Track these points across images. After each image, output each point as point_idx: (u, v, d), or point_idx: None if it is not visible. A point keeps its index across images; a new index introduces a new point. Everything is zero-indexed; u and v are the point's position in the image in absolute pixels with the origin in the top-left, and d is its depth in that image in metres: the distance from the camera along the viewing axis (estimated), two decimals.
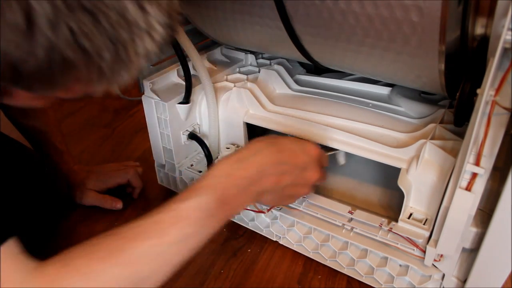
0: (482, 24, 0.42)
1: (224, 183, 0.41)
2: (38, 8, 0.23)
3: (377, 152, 0.52)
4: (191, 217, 0.38)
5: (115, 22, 0.26)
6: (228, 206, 0.41)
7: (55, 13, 0.24)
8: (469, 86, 0.43)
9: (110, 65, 0.28)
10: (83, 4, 0.24)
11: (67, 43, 0.25)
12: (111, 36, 0.26)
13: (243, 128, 0.64)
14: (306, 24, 0.50)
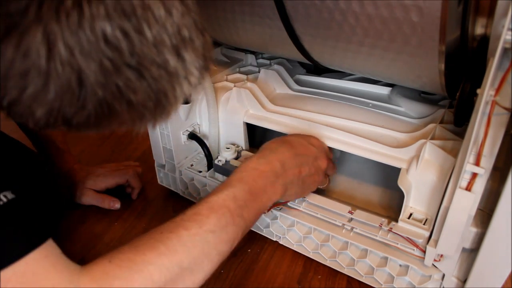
0: (482, 24, 0.42)
1: (252, 177, 0.45)
2: (88, 71, 0.25)
3: (377, 152, 0.52)
4: (226, 207, 0.41)
5: (157, 75, 0.28)
6: (258, 197, 0.45)
7: (103, 73, 0.26)
8: (469, 86, 0.43)
9: (152, 112, 0.30)
10: (128, 63, 0.27)
11: (114, 98, 0.27)
12: (154, 88, 0.29)
13: (243, 128, 0.64)
14: (306, 24, 0.50)
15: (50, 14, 0.24)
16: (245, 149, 0.65)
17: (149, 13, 0.27)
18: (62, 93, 0.26)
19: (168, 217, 0.40)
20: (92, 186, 0.70)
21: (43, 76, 0.25)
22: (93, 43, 0.25)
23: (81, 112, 0.27)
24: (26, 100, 0.26)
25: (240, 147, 0.65)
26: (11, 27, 0.24)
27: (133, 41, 0.26)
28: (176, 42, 0.29)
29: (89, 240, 0.63)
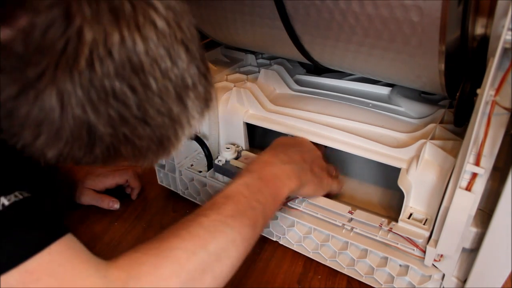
0: (482, 24, 0.42)
1: (261, 166, 0.48)
2: (97, 124, 0.27)
3: (377, 152, 0.52)
4: (240, 193, 0.43)
5: (161, 123, 0.30)
6: (270, 183, 0.46)
7: (111, 124, 0.28)
8: (469, 86, 0.43)
9: (155, 153, 0.32)
10: (134, 114, 0.28)
11: (120, 143, 0.29)
12: (157, 133, 0.30)
13: (243, 128, 0.64)
14: (306, 24, 0.50)
15: (65, 77, 0.25)
16: (245, 149, 0.65)
17: (155, 67, 0.28)
18: (72, 141, 0.28)
19: (168, 217, 0.40)
20: (92, 186, 0.70)
21: (55, 127, 0.27)
22: (103, 99, 0.27)
23: (89, 155, 0.29)
24: (38, 145, 0.28)
25: (240, 147, 0.65)
26: (28, 86, 0.25)
27: (140, 95, 0.28)
28: (179, 91, 0.30)
29: (89, 240, 0.63)
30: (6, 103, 0.26)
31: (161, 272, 0.35)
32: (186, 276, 0.35)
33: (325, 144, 0.56)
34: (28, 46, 0.24)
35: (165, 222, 0.67)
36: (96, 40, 0.25)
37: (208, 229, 0.39)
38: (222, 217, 0.40)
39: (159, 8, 0.28)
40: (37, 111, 0.26)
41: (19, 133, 0.27)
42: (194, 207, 0.42)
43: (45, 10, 0.24)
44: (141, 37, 0.27)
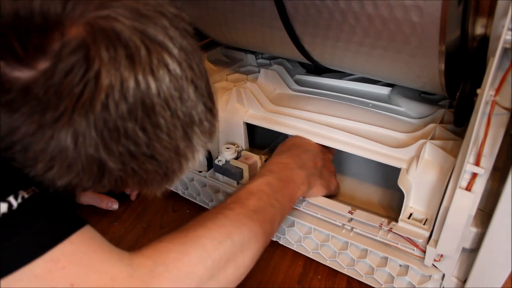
0: (482, 24, 0.42)
1: (280, 167, 0.51)
2: (108, 161, 0.29)
3: (377, 152, 0.52)
4: (262, 191, 0.46)
5: (167, 158, 0.31)
6: (287, 184, 0.49)
7: (121, 161, 0.29)
8: (469, 86, 0.43)
9: (159, 183, 0.33)
10: (143, 152, 0.29)
11: (128, 176, 0.30)
12: (164, 167, 0.32)
13: (243, 128, 0.64)
14: (306, 24, 0.50)
15: (81, 118, 0.26)
16: (245, 149, 0.65)
17: (166, 107, 0.29)
18: (82, 174, 0.29)
19: (168, 217, 0.40)
20: None
21: (68, 162, 0.28)
22: (115, 139, 0.28)
23: (97, 184, 0.30)
24: (50, 176, 0.29)
25: (240, 147, 0.65)
26: (45, 126, 0.26)
27: (150, 134, 0.29)
28: (186, 128, 0.31)
29: None
30: (23, 140, 0.27)
31: (188, 258, 0.36)
32: (211, 264, 0.37)
33: (325, 144, 0.56)
34: (48, 89, 0.25)
35: (165, 222, 0.67)
36: (112, 85, 0.26)
37: (233, 221, 0.41)
38: (246, 211, 0.43)
39: (172, 50, 0.29)
40: (52, 147, 0.27)
41: (32, 165, 0.28)
42: (194, 207, 0.42)
43: (67, 56, 0.25)
44: (154, 80, 0.28)
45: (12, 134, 0.27)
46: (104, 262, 0.32)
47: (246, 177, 0.60)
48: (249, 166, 0.60)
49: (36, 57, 0.25)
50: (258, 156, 0.62)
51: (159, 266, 0.34)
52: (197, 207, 0.69)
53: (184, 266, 0.35)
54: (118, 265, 0.32)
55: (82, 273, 0.30)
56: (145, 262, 0.34)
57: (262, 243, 0.43)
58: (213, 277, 0.37)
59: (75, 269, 0.30)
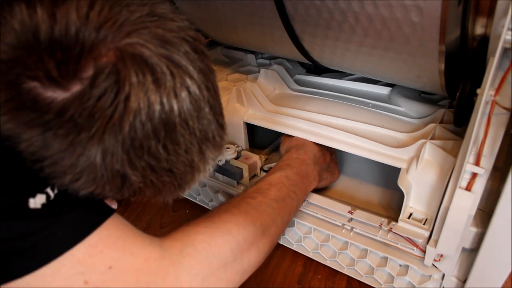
0: (482, 24, 0.42)
1: (298, 163, 0.55)
2: (131, 176, 0.31)
3: (377, 152, 0.52)
4: (282, 183, 0.50)
5: (183, 172, 0.33)
6: (304, 179, 0.53)
7: (142, 175, 0.31)
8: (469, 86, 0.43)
9: (173, 193, 0.36)
10: (163, 166, 0.32)
11: (146, 187, 0.33)
12: (179, 179, 0.34)
13: (243, 128, 0.64)
14: (306, 24, 0.50)
15: (110, 137, 0.28)
16: (245, 149, 0.65)
17: (185, 127, 0.31)
18: (105, 186, 0.31)
19: (168, 217, 0.41)
20: None
21: (93, 176, 0.30)
22: (139, 156, 0.30)
23: (117, 194, 0.33)
24: (75, 187, 0.31)
25: (240, 147, 0.65)
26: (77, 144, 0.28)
27: (170, 151, 0.31)
28: (201, 144, 0.34)
29: None
30: (53, 155, 0.29)
31: (214, 240, 0.39)
32: (236, 246, 0.40)
33: (325, 144, 0.56)
34: (83, 112, 0.27)
35: (165, 222, 0.67)
36: (140, 108, 0.28)
37: (256, 208, 0.45)
38: (267, 200, 0.47)
39: (193, 74, 0.31)
40: (81, 163, 0.29)
41: (59, 177, 0.30)
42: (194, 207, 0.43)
43: (101, 81, 0.27)
44: (177, 102, 0.30)
45: (44, 150, 0.28)
46: (137, 245, 0.35)
47: (246, 177, 0.60)
48: (249, 166, 0.60)
49: (71, 80, 0.27)
50: (258, 156, 0.62)
51: (188, 247, 0.37)
52: (197, 207, 0.69)
53: (211, 247, 0.38)
54: (150, 248, 0.36)
55: (119, 256, 0.33)
56: (174, 244, 0.37)
57: (281, 230, 0.48)
58: (237, 259, 0.40)
59: (112, 252, 0.33)
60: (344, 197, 0.62)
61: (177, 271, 0.36)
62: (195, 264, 0.37)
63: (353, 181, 0.66)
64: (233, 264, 0.40)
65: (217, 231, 0.40)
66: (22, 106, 0.27)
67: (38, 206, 0.30)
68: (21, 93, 0.27)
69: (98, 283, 0.32)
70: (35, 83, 0.27)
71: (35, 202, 0.30)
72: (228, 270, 0.39)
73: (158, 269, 0.35)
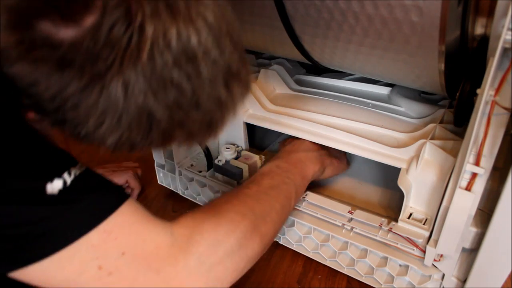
0: (482, 24, 0.42)
1: (287, 153, 0.57)
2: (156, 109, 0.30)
3: (377, 152, 0.52)
4: (273, 171, 0.52)
5: (210, 108, 0.33)
6: (297, 165, 0.55)
7: (169, 110, 0.30)
8: (469, 86, 0.43)
9: (203, 135, 0.35)
10: (189, 100, 0.31)
11: (174, 127, 0.32)
12: (207, 118, 0.33)
13: (243, 128, 0.64)
14: (306, 24, 0.50)
15: (129, 68, 0.28)
16: (245, 149, 0.65)
17: (207, 56, 0.31)
18: (132, 127, 0.30)
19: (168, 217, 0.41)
20: None
21: (118, 114, 0.29)
22: (162, 87, 0.29)
23: (145, 139, 0.32)
24: (101, 132, 0.30)
25: (240, 147, 0.65)
26: (96, 78, 0.28)
27: (194, 82, 0.30)
28: (226, 77, 0.33)
29: None
30: (73, 96, 0.28)
31: (220, 228, 0.40)
32: (240, 234, 0.41)
33: (325, 144, 0.56)
34: (96, 42, 0.27)
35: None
36: (156, 35, 0.28)
37: (253, 197, 0.47)
38: (262, 188, 0.49)
39: (208, 4, 0.31)
40: (103, 100, 0.28)
41: (83, 122, 0.29)
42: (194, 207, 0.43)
43: (110, 10, 0.27)
44: (194, 30, 0.29)
45: (63, 91, 0.28)
46: (149, 232, 0.36)
47: (246, 177, 0.60)
48: (249, 166, 0.60)
49: (81, 13, 0.27)
50: (258, 156, 0.62)
51: (196, 235, 0.38)
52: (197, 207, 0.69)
53: (217, 235, 0.40)
54: (161, 235, 0.37)
55: (131, 242, 0.34)
56: (184, 232, 0.38)
57: (281, 215, 0.49)
58: (242, 247, 0.41)
59: (125, 239, 0.34)
60: (344, 197, 0.62)
61: (186, 259, 0.37)
62: (203, 252, 0.38)
63: (353, 181, 0.66)
64: (239, 252, 0.41)
65: (222, 220, 0.41)
66: (35, 46, 0.27)
67: (55, 192, 0.30)
68: (33, 33, 0.27)
69: (111, 268, 0.33)
70: (46, 22, 0.27)
71: (53, 187, 0.30)
72: (234, 258, 0.40)
73: (168, 256, 0.36)
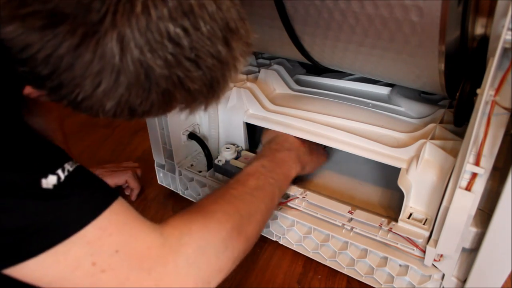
0: (482, 24, 0.42)
1: (271, 152, 0.57)
2: (154, 66, 0.29)
3: (377, 152, 0.52)
4: (258, 172, 0.52)
5: (211, 65, 0.32)
6: (280, 165, 0.55)
7: (167, 66, 0.29)
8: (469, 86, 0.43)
9: (205, 96, 0.34)
10: (187, 56, 0.30)
11: (175, 87, 0.31)
12: (208, 76, 0.32)
13: (243, 128, 0.64)
14: (306, 24, 0.50)
15: (123, 21, 0.27)
16: (245, 149, 0.65)
17: (204, 10, 0.30)
18: (131, 87, 0.29)
19: (168, 217, 0.41)
20: None
21: (115, 73, 0.28)
22: (159, 41, 0.28)
23: (145, 102, 0.31)
24: (98, 95, 0.29)
25: (240, 147, 0.65)
26: (89, 33, 0.27)
27: (192, 36, 0.30)
28: (225, 33, 0.32)
29: None
30: (67, 56, 0.27)
31: (207, 229, 0.41)
32: (226, 235, 0.42)
33: (325, 144, 0.57)
34: None
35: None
36: None
37: (239, 198, 0.47)
38: (248, 189, 0.49)
39: None
40: (98, 58, 0.28)
41: (80, 84, 0.29)
42: None
43: None
44: None
45: (57, 50, 0.27)
46: (141, 231, 0.36)
47: None
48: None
49: None
50: None
51: (185, 236, 0.39)
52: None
53: (205, 235, 0.40)
54: (153, 235, 0.37)
55: (125, 240, 0.34)
56: (173, 232, 0.38)
57: (265, 215, 0.50)
58: (228, 248, 0.41)
59: (119, 237, 0.34)
60: (344, 197, 0.62)
61: (176, 260, 0.37)
62: (192, 253, 0.38)
63: (353, 181, 0.66)
64: (225, 252, 0.41)
65: (209, 220, 0.42)
66: (26, 2, 0.26)
67: (50, 187, 0.30)
68: None
69: (104, 265, 0.33)
70: None
71: (47, 182, 0.30)
72: (221, 258, 0.41)
73: (159, 257, 0.36)
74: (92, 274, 0.33)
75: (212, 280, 0.40)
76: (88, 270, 0.32)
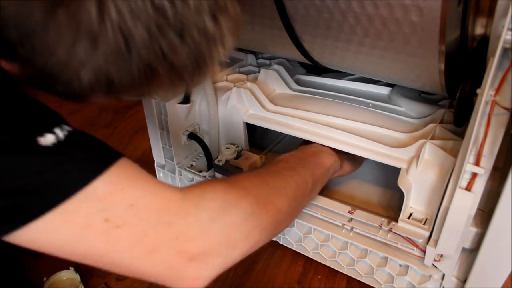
0: (482, 24, 0.42)
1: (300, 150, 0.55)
2: (136, 33, 0.27)
3: (377, 152, 0.52)
4: (287, 159, 0.51)
5: (197, 39, 0.30)
6: (312, 156, 0.53)
7: (149, 35, 0.28)
8: (469, 86, 0.43)
9: (191, 74, 0.32)
10: (172, 27, 0.28)
11: (157, 60, 0.29)
12: (194, 51, 0.30)
13: (243, 128, 0.64)
14: (306, 24, 0.50)
15: None
16: (245, 149, 0.65)
17: None
18: (109, 55, 0.27)
19: None
20: None
21: (93, 39, 0.26)
22: (142, 8, 0.27)
23: (125, 75, 0.29)
24: (75, 64, 0.27)
25: (240, 147, 0.65)
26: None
27: (177, 6, 0.28)
28: (213, 9, 0.30)
29: None
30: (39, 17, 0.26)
31: (231, 192, 0.38)
32: (252, 199, 0.39)
33: (325, 144, 0.56)
34: None
35: None
36: None
37: (267, 174, 0.46)
38: (277, 168, 0.49)
39: None
40: (74, 21, 0.26)
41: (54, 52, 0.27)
42: None
43: None
44: None
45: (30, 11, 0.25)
46: (157, 186, 0.34)
47: None
48: (249, 166, 0.60)
49: None
50: (258, 156, 0.62)
51: (209, 193, 0.37)
52: None
53: (230, 197, 0.38)
54: (170, 190, 0.34)
55: (140, 194, 0.32)
56: (195, 190, 0.37)
57: (297, 194, 0.47)
58: (254, 213, 0.39)
59: (133, 191, 0.32)
60: (344, 197, 0.62)
61: (198, 213, 0.34)
62: (216, 209, 0.36)
63: (353, 181, 0.66)
64: (252, 218, 0.38)
65: (233, 187, 0.39)
66: None
67: (49, 144, 0.28)
68: None
69: (119, 220, 0.30)
70: None
71: (46, 140, 0.28)
72: (246, 223, 0.38)
73: (179, 210, 0.34)
74: (106, 231, 0.30)
75: (238, 245, 0.37)
76: (101, 227, 0.30)
